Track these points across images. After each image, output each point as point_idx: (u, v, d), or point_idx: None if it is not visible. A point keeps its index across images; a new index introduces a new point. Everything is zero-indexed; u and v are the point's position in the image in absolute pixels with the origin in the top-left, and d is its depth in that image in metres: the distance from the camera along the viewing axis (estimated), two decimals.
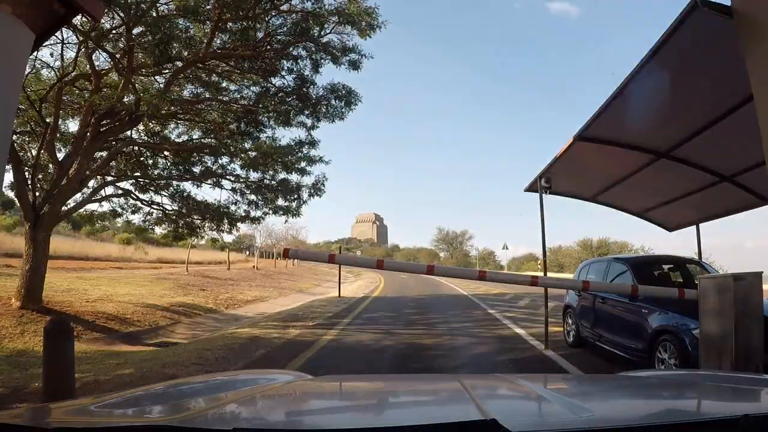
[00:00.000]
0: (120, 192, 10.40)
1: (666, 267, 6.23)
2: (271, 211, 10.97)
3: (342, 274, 19.98)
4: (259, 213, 11.03)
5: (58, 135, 8.62)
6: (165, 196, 10.73)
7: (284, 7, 8.16)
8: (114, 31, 7.52)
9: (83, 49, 7.66)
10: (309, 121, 10.02)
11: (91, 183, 9.72)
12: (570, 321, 7.08)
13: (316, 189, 10.63)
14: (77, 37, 7.54)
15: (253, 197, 10.83)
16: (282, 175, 10.58)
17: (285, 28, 8.54)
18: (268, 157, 9.89)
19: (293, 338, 7.69)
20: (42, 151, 8.39)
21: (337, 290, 17.83)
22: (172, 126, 10.59)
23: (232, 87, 10.00)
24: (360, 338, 7.76)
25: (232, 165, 10.79)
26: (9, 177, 8.05)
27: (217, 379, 1.86)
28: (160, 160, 10.74)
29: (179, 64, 8.31)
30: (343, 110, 9.54)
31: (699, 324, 4.11)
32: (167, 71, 8.67)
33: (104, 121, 8.52)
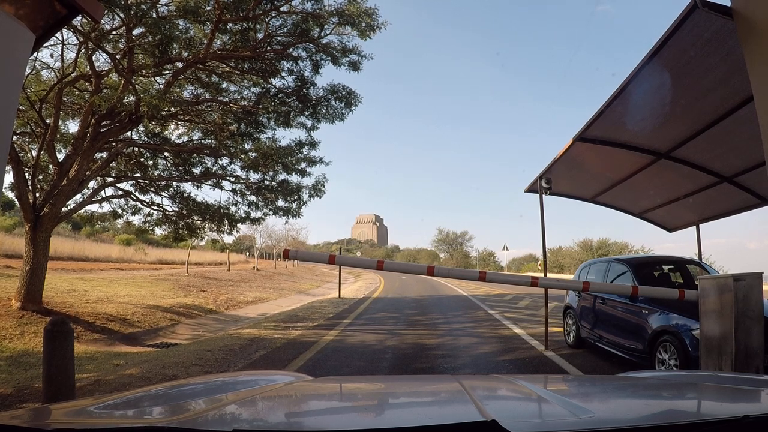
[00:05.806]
0: (120, 193, 10.41)
1: (666, 268, 6.22)
2: (271, 212, 11.02)
3: (342, 275, 19.99)
4: (259, 214, 11.08)
5: (58, 136, 8.62)
6: (165, 197, 10.75)
7: (284, 8, 8.16)
8: (114, 32, 7.53)
9: (83, 50, 7.67)
10: (309, 122, 10.06)
11: (91, 184, 9.74)
12: (570, 321, 7.08)
13: (316, 190, 10.66)
14: (77, 38, 7.55)
15: (253, 198, 10.85)
16: (282, 176, 10.62)
17: (285, 29, 8.55)
18: (268, 158, 9.90)
19: (294, 339, 7.69)
20: (42, 152, 8.39)
21: (337, 291, 17.84)
22: (172, 127, 10.61)
23: (232, 88, 10.02)
24: (361, 339, 7.75)
25: (232, 166, 10.84)
26: (9, 178, 8.07)
27: (217, 380, 1.86)
28: (160, 161, 10.76)
29: (179, 64, 8.32)
30: (343, 111, 9.56)
31: (699, 324, 4.11)
32: (167, 72, 8.68)
33: (104, 122, 8.53)
